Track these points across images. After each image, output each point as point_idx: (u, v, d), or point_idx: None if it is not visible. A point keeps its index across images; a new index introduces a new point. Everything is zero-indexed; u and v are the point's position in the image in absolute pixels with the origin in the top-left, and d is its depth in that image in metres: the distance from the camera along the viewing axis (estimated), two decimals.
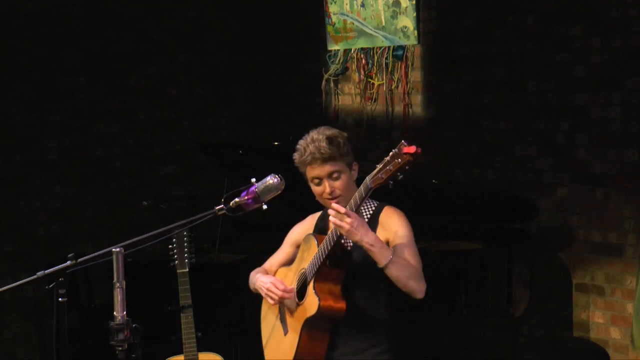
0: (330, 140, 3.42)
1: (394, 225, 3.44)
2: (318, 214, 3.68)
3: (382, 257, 3.27)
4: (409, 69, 6.18)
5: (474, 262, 5.04)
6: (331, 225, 3.52)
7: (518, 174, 5.70)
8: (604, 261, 5.36)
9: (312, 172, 3.44)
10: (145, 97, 6.57)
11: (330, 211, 3.31)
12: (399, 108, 6.28)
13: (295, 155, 3.48)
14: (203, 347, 4.34)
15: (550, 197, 5.54)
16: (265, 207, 3.29)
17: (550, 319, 5.64)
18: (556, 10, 5.45)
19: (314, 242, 3.46)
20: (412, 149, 3.07)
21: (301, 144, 3.47)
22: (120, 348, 2.89)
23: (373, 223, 3.45)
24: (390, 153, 3.13)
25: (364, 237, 3.25)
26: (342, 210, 3.24)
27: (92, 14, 6.29)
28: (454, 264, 5.01)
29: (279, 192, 3.29)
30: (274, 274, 3.73)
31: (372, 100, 6.43)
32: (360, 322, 3.44)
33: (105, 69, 6.36)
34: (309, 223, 3.69)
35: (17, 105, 6.03)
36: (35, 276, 3.03)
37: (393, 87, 6.29)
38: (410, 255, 3.37)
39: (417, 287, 3.33)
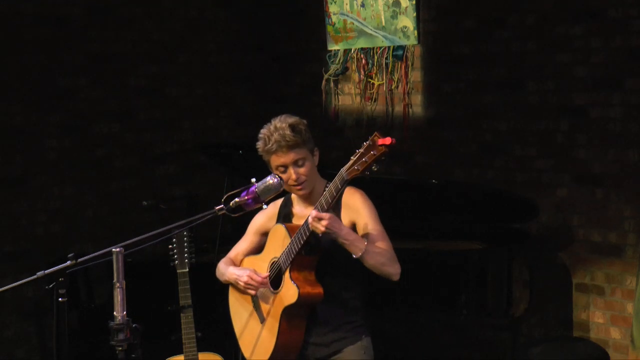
0: (293, 127, 3.48)
1: (357, 207, 3.49)
2: (280, 201, 3.70)
3: (356, 249, 3.35)
4: (409, 69, 6.18)
5: (474, 262, 5.04)
6: (295, 211, 3.60)
7: (518, 174, 5.70)
8: (604, 261, 5.36)
9: (277, 160, 3.48)
10: (145, 97, 6.57)
11: (310, 215, 3.34)
12: (399, 108, 6.28)
13: (259, 144, 3.52)
14: (203, 347, 4.34)
15: (550, 197, 5.54)
16: (265, 207, 3.30)
17: (550, 319, 5.64)
18: (556, 10, 5.45)
19: (285, 231, 3.50)
20: (387, 140, 3.14)
21: (264, 132, 3.51)
22: (120, 348, 2.89)
23: (336, 205, 3.47)
24: (364, 145, 3.18)
25: (339, 232, 3.33)
26: (314, 214, 3.30)
27: (92, 14, 6.29)
28: (454, 264, 5.01)
29: (279, 192, 3.30)
30: (240, 263, 3.77)
31: (372, 100, 6.43)
32: (334, 303, 3.51)
33: (105, 69, 6.36)
34: (271, 210, 3.70)
35: (17, 105, 6.03)
36: (35, 276, 3.03)
37: (393, 87, 6.29)
38: (380, 238, 3.45)
39: (392, 270, 3.43)
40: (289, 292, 3.45)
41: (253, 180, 3.30)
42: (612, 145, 5.27)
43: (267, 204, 3.32)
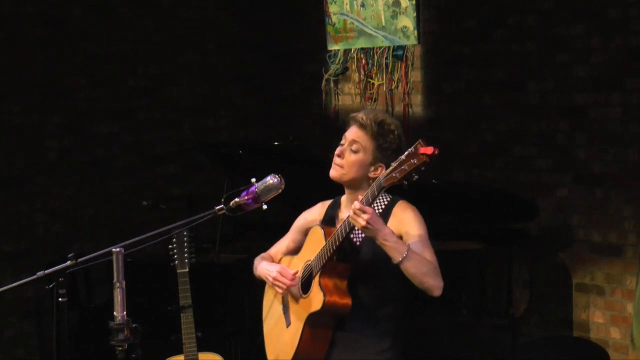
0: (379, 119, 3.37)
1: (407, 221, 3.35)
2: (328, 202, 3.59)
3: (396, 253, 3.18)
4: (409, 69, 6.18)
5: (474, 262, 5.04)
6: (341, 216, 3.48)
7: (518, 174, 5.70)
8: (604, 261, 5.36)
9: (345, 133, 3.40)
10: (145, 97, 6.57)
11: (353, 206, 3.21)
12: (399, 108, 6.28)
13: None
14: (203, 347, 4.34)
15: (550, 197, 5.54)
16: (265, 207, 3.28)
17: (550, 319, 5.64)
18: (556, 10, 5.45)
19: (322, 234, 3.37)
20: (430, 149, 3.00)
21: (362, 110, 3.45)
22: (120, 348, 2.89)
23: (385, 215, 3.36)
24: (406, 152, 3.06)
25: (379, 232, 3.17)
26: (357, 205, 3.16)
27: (92, 14, 6.30)
28: (454, 264, 5.01)
29: (279, 192, 3.28)
30: (279, 262, 3.65)
31: (372, 100, 6.42)
32: (364, 318, 3.36)
33: (105, 69, 6.36)
34: (318, 210, 3.60)
35: (17, 105, 6.04)
36: (35, 276, 3.03)
37: (393, 87, 6.29)
38: (425, 248, 3.29)
39: (433, 283, 3.24)
40: (315, 298, 3.32)
41: (253, 180, 3.29)
42: (612, 145, 5.27)
43: (267, 204, 3.29)
